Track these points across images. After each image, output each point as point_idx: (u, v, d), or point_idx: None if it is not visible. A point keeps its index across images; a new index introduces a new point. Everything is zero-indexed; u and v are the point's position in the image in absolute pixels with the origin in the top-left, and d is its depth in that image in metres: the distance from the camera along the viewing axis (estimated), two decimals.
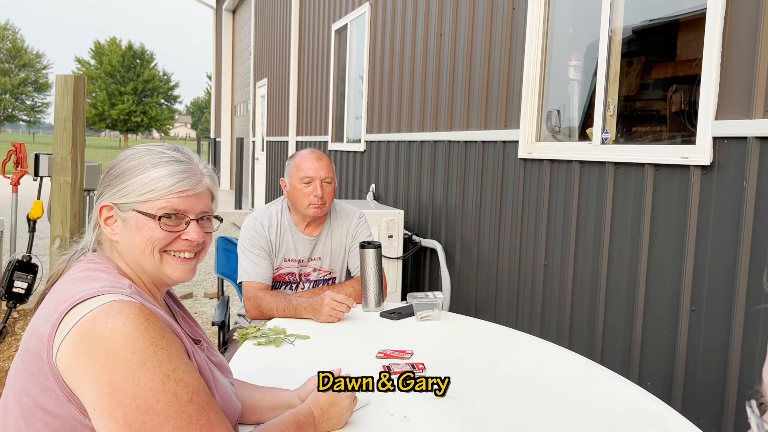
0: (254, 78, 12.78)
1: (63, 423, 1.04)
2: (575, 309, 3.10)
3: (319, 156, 2.50)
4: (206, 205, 1.25)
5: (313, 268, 2.55)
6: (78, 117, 3.91)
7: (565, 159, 3.18)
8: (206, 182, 1.25)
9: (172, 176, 1.19)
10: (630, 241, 2.75)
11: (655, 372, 2.61)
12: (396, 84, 5.20)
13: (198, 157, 1.27)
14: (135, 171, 1.20)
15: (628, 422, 1.42)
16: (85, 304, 1.05)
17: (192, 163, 1.23)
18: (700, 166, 2.40)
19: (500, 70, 3.71)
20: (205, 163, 1.27)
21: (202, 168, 1.25)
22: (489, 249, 3.85)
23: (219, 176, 16.91)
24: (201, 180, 1.23)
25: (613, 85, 3.09)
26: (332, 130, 7.22)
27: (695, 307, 2.42)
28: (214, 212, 1.28)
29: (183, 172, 1.20)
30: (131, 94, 59.62)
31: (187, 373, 1.05)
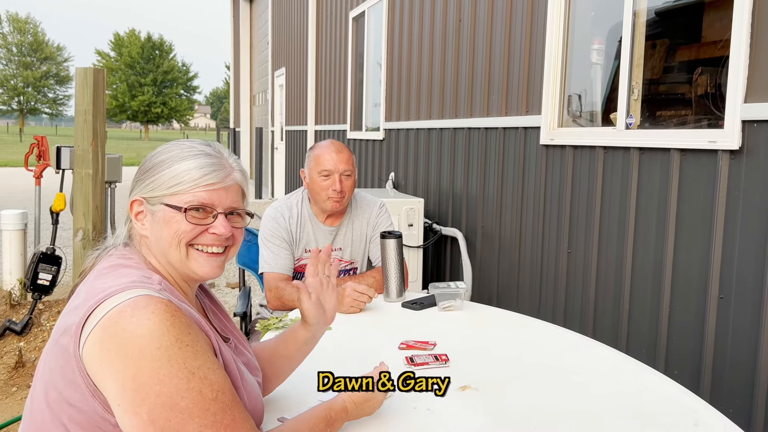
0: (272, 67, 12.77)
1: (86, 417, 1.03)
2: (599, 297, 3.06)
3: (339, 148, 2.47)
4: (235, 200, 1.23)
5: (334, 259, 2.53)
6: (98, 109, 3.93)
7: (588, 145, 3.13)
8: (236, 176, 1.23)
9: (200, 169, 1.18)
10: (656, 228, 2.69)
11: (682, 361, 2.56)
12: (415, 71, 5.16)
13: (229, 152, 1.26)
14: (164, 165, 1.19)
15: (656, 414, 1.39)
16: (113, 298, 1.04)
17: (221, 157, 1.22)
18: (728, 151, 2.34)
19: (521, 55, 3.65)
20: (235, 158, 1.26)
21: (232, 162, 1.24)
22: (511, 237, 3.81)
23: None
24: (230, 174, 1.21)
25: (637, 68, 3.02)
26: (351, 118, 7.20)
27: (724, 295, 2.37)
28: (245, 209, 1.26)
29: (211, 165, 1.19)
30: (151, 85, 60.09)
31: (212, 371, 1.04)
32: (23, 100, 62.74)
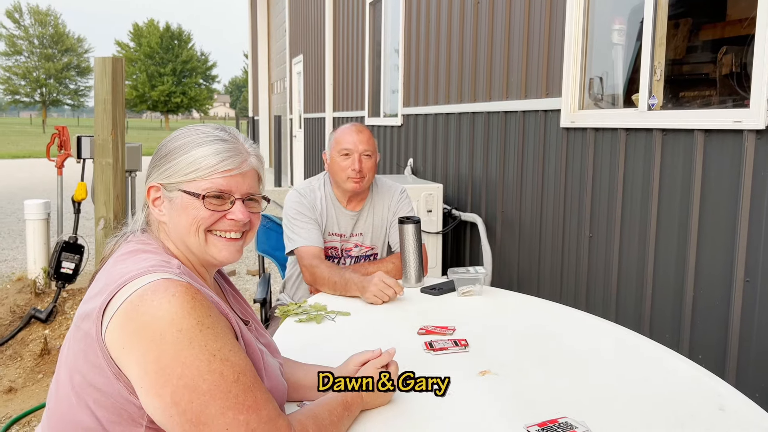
0: (290, 55, 12.76)
1: (111, 400, 1.04)
2: (621, 281, 3.02)
3: (360, 129, 2.46)
4: (252, 186, 1.23)
5: (355, 243, 2.53)
6: (117, 98, 3.95)
7: (609, 127, 3.08)
8: (252, 162, 1.23)
9: (217, 155, 1.18)
10: (679, 211, 2.65)
11: (707, 345, 2.53)
12: (432, 55, 5.11)
13: (244, 137, 1.26)
14: (180, 151, 1.19)
15: (681, 398, 1.37)
16: (134, 283, 1.05)
17: (237, 142, 1.22)
18: (754, 131, 2.29)
19: (540, 37, 3.59)
20: (251, 143, 1.25)
21: (248, 147, 1.23)
22: (531, 222, 3.78)
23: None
24: (246, 159, 1.21)
25: (659, 48, 2.95)
26: (369, 104, 7.17)
27: (750, 278, 2.33)
28: (261, 193, 1.26)
29: (227, 151, 1.19)
30: (170, 75, 60.44)
31: (233, 353, 1.04)
32: (45, 92, 63.50)
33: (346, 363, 1.40)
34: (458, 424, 1.25)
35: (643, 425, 1.25)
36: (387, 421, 1.28)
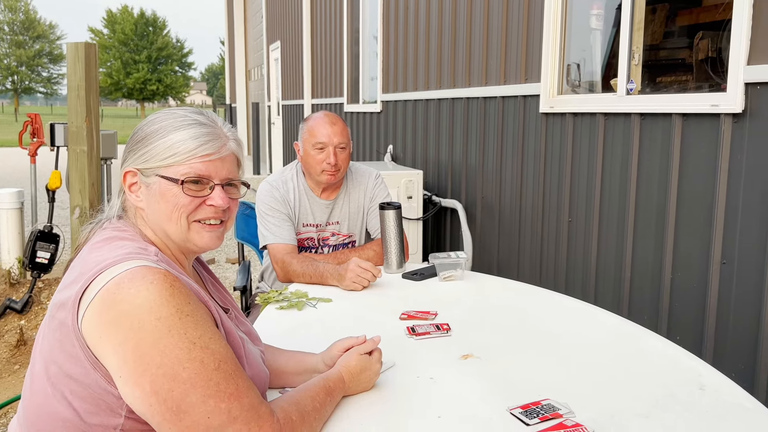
0: (267, 41, 12.64)
1: (89, 391, 1.02)
2: (601, 265, 3.05)
3: (333, 120, 2.42)
4: (231, 171, 1.20)
5: (332, 232, 2.51)
6: (91, 85, 3.87)
7: (588, 112, 3.09)
8: (231, 146, 1.20)
9: (195, 139, 1.15)
10: (657, 194, 2.67)
11: (684, 327, 2.56)
12: (411, 42, 5.09)
13: (222, 121, 1.23)
14: (157, 135, 1.16)
15: (662, 377, 1.38)
16: (110, 270, 1.03)
17: (216, 126, 1.19)
18: (731, 114, 2.31)
19: (519, 22, 3.59)
20: (230, 127, 1.23)
21: (227, 132, 1.21)
22: (511, 207, 3.79)
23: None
24: (225, 144, 1.19)
25: (637, 33, 2.96)
26: (347, 91, 7.13)
27: (726, 260, 2.36)
28: (240, 178, 1.24)
29: (206, 135, 1.16)
30: (146, 62, 59.56)
31: (213, 340, 1.03)
32: (17, 80, 62.20)
33: (329, 349, 1.39)
34: (441, 408, 1.25)
35: (625, 405, 1.26)
36: (370, 406, 1.27)
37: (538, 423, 1.18)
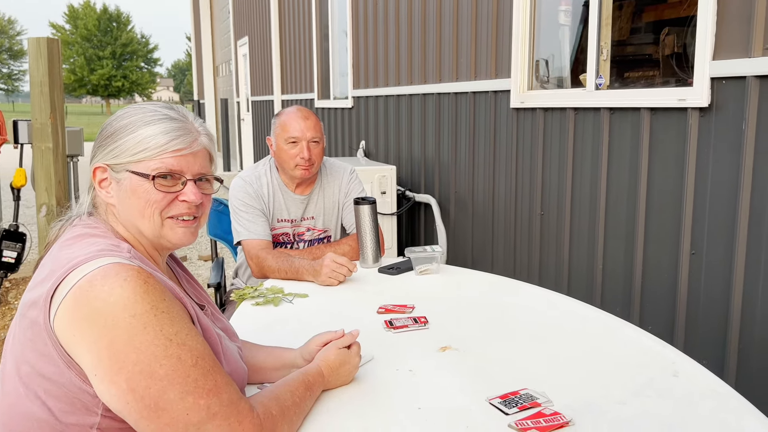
0: (235, 37, 12.51)
1: (63, 390, 1.00)
2: (573, 257, 3.09)
3: (306, 115, 2.40)
4: (204, 166, 1.19)
5: (307, 227, 2.50)
6: (54, 80, 3.79)
7: (558, 107, 3.13)
8: (203, 141, 1.19)
9: (166, 134, 1.13)
10: (627, 187, 2.71)
11: (656, 317, 2.61)
12: (381, 37, 5.08)
13: (194, 116, 1.21)
14: (127, 130, 1.14)
15: (637, 366, 1.41)
16: (82, 267, 1.00)
17: (187, 121, 1.17)
18: (697, 108, 2.36)
19: (488, 18, 3.61)
20: (201, 122, 1.21)
21: (198, 126, 1.19)
22: (484, 201, 3.82)
23: None
24: (197, 139, 1.17)
25: (605, 28, 3.01)
26: (318, 87, 7.09)
27: (695, 251, 2.41)
28: (213, 173, 1.22)
29: (177, 130, 1.14)
30: (110, 58, 58.48)
31: (190, 337, 1.01)
32: None
33: (307, 344, 1.39)
34: (421, 400, 1.26)
35: (601, 393, 1.28)
36: (350, 400, 1.27)
37: (517, 412, 1.19)
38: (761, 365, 2.19)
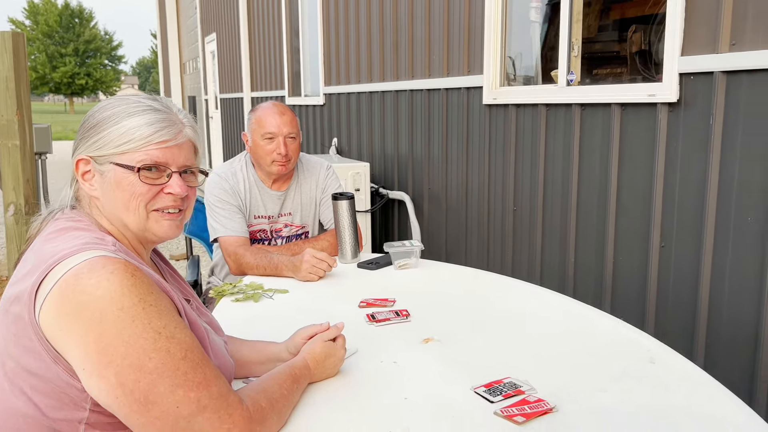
0: (202, 34, 12.36)
1: (50, 385, 0.99)
2: (546, 252, 3.14)
3: (282, 110, 2.40)
4: (189, 158, 1.18)
5: (285, 224, 2.49)
6: (20, 76, 3.71)
7: (530, 103, 3.17)
8: (187, 133, 1.18)
9: (150, 125, 1.12)
10: (598, 182, 2.77)
11: (627, 308, 2.67)
12: (353, 34, 5.08)
13: (178, 107, 1.20)
14: (110, 121, 1.12)
15: (614, 354, 1.45)
16: (67, 261, 0.99)
17: (171, 112, 1.16)
18: (667, 104, 2.42)
19: (461, 14, 3.64)
20: (185, 113, 1.20)
21: (182, 118, 1.18)
22: (457, 197, 3.85)
23: None
24: (181, 130, 1.17)
25: (576, 25, 3.06)
26: (288, 84, 7.06)
27: (665, 243, 2.47)
28: (198, 166, 1.22)
29: (161, 122, 1.13)
30: (73, 55, 57.25)
31: (178, 330, 1.01)
32: None
33: (292, 337, 1.39)
34: (407, 390, 1.27)
35: (581, 381, 1.31)
36: (336, 392, 1.28)
37: (502, 400, 1.22)
38: (728, 352, 2.26)
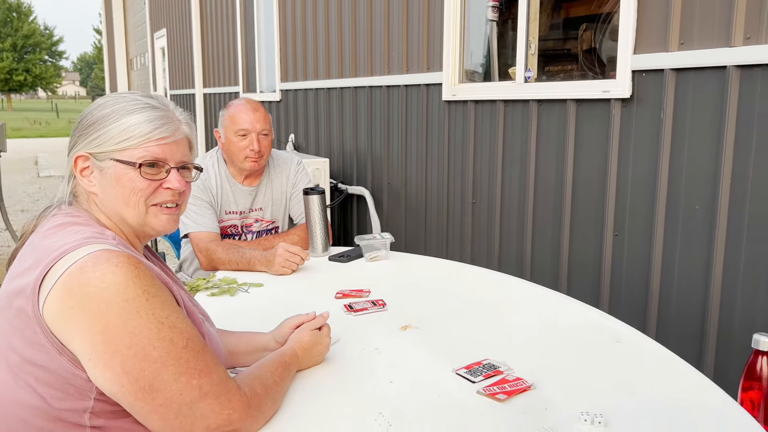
0: (151, 29, 12.13)
1: (56, 376, 1.02)
2: (504, 243, 3.24)
3: (255, 107, 2.43)
4: (185, 154, 1.23)
5: (255, 218, 2.52)
6: None
7: (489, 99, 3.27)
8: (184, 129, 1.22)
9: (150, 123, 1.16)
10: (555, 174, 2.88)
11: (582, 294, 2.79)
12: (310, 30, 5.10)
13: (174, 105, 1.24)
14: (110, 118, 1.15)
15: (583, 335, 1.54)
16: (70, 255, 1.02)
17: (168, 110, 1.20)
18: (620, 99, 2.54)
19: (419, 12, 3.71)
20: (181, 111, 1.24)
21: (179, 115, 1.22)
22: (417, 192, 3.93)
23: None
24: (178, 127, 1.21)
25: (533, 23, 3.17)
26: (243, 80, 7.02)
27: (618, 232, 2.60)
28: (193, 162, 1.26)
29: (160, 119, 1.17)
30: (10, 51, 55.10)
31: (180, 320, 1.05)
32: None
33: (279, 327, 1.44)
34: (392, 376, 1.33)
35: (554, 360, 1.40)
36: (323, 378, 1.33)
37: (483, 380, 1.29)
38: (678, 333, 2.40)
